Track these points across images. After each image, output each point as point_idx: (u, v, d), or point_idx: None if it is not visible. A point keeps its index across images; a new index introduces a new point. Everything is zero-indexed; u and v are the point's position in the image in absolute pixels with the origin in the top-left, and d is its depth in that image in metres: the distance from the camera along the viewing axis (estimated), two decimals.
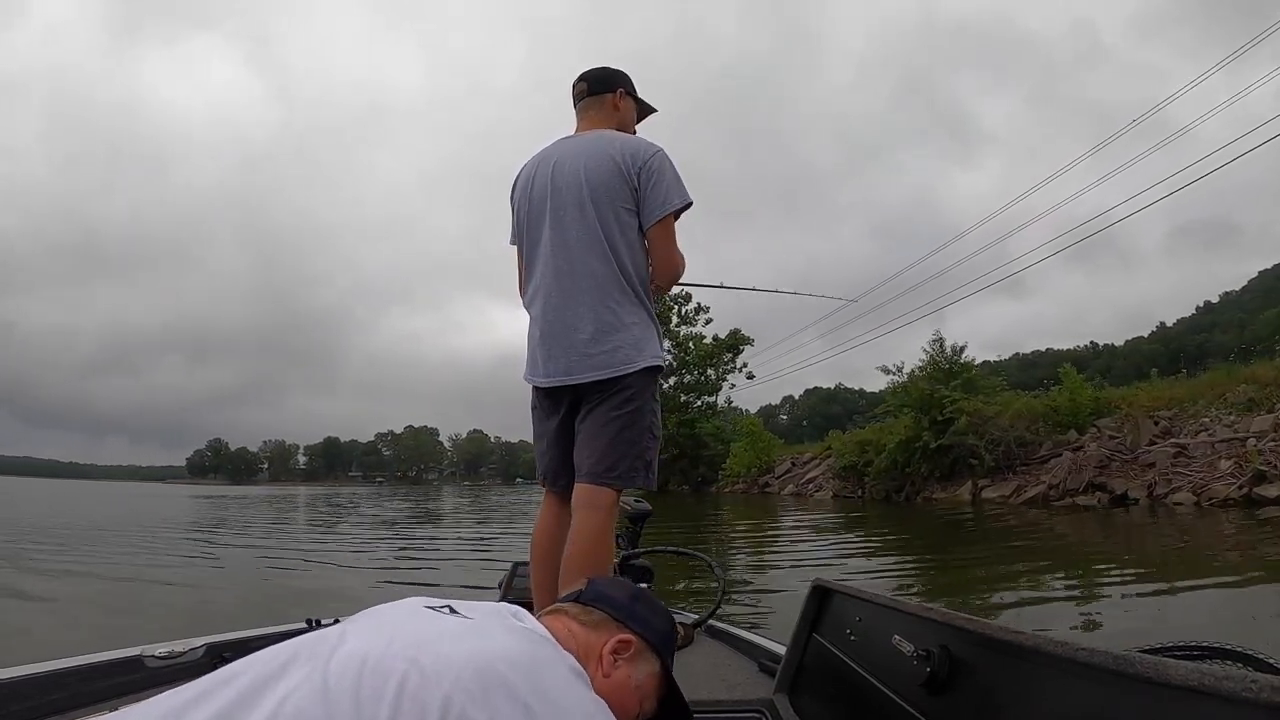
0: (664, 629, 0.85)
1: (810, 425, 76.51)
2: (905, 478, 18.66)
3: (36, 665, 1.07)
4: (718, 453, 32.22)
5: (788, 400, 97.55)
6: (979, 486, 16.51)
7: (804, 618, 1.20)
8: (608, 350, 1.50)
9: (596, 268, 1.51)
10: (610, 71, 1.72)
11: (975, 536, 9.68)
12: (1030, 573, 5.75)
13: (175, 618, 4.22)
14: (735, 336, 35.08)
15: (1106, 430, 15.07)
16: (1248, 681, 0.39)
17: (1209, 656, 0.70)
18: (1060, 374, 18.01)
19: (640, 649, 0.80)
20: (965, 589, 5.06)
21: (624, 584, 0.91)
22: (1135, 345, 64.03)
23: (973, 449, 16.63)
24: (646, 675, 0.80)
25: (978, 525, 11.14)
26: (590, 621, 0.79)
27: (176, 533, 11.49)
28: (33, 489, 41.01)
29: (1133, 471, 13.27)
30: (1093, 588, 4.97)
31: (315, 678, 0.57)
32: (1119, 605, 4.21)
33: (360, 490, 52.25)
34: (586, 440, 1.52)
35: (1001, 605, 4.31)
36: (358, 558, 7.87)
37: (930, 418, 17.78)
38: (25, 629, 3.93)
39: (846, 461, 21.42)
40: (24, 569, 6.35)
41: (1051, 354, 67.30)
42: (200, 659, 1.21)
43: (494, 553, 8.27)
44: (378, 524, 14.25)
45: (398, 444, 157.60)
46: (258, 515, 17.33)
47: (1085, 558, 6.78)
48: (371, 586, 5.63)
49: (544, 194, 1.59)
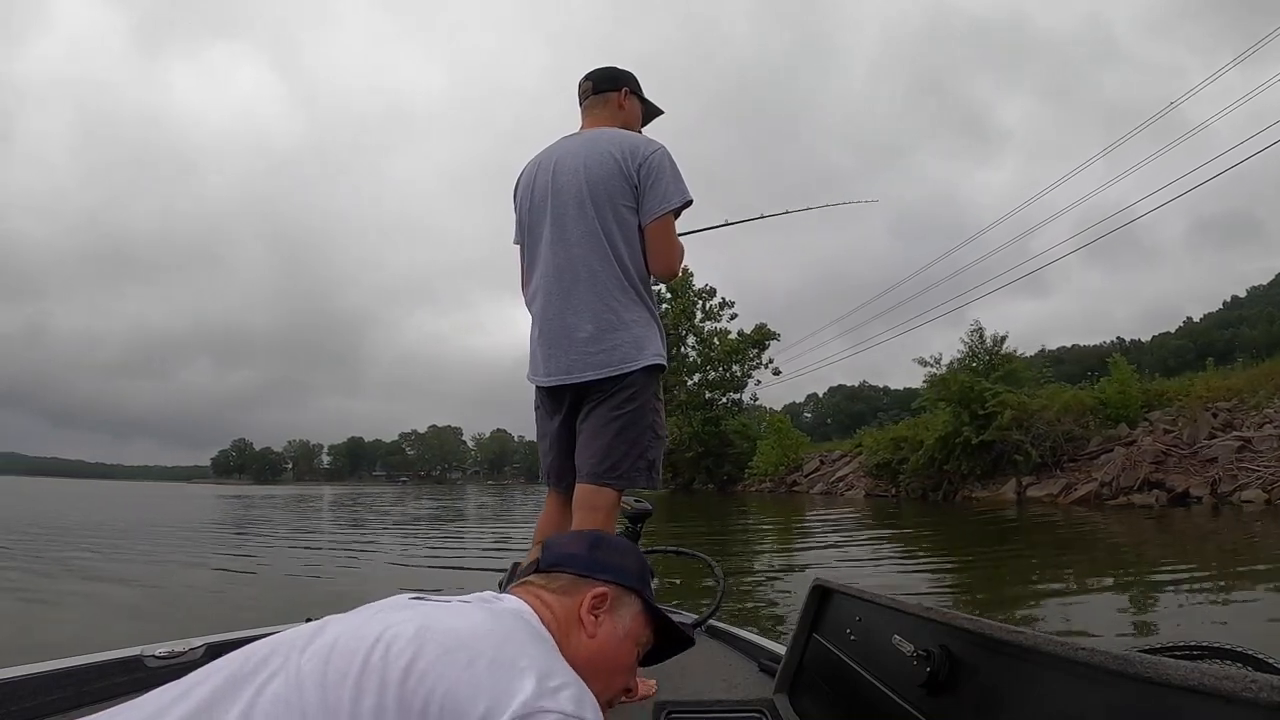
0: (633, 566, 0.83)
1: (835, 423, 77.03)
2: (943, 475, 18.26)
3: (37, 665, 1.10)
4: (743, 451, 31.97)
5: (811, 398, 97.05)
6: (1023, 485, 16.09)
7: (804, 618, 1.22)
8: (607, 349, 1.51)
9: (596, 266, 1.53)
10: (616, 71, 1.74)
11: (1039, 540, 9.06)
12: (1118, 586, 5.26)
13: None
14: (761, 331, 34.74)
15: (1160, 424, 14.54)
16: (1248, 681, 0.39)
17: (1209, 656, 0.71)
18: (1109, 365, 17.43)
19: (616, 596, 0.79)
20: (1030, 600, 4.76)
21: (580, 535, 0.90)
22: (1162, 340, 63.23)
23: (1017, 445, 16.19)
24: (632, 618, 0.80)
25: (1033, 526, 10.73)
26: (559, 587, 0.78)
27: (233, 535, 11.89)
28: (62, 490, 42.59)
29: (1192, 467, 12.77)
30: (1185, 598, 4.56)
31: (290, 668, 0.59)
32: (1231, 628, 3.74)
33: (385, 490, 53.34)
34: (587, 440, 1.53)
35: (1091, 628, 3.87)
36: (405, 556, 8.13)
37: (970, 412, 17.36)
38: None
39: (880, 459, 21.07)
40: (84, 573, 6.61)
41: (1077, 350, 66.29)
42: (200, 659, 1.25)
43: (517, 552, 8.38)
44: (417, 521, 14.65)
45: (421, 443, 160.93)
46: (296, 517, 17.85)
47: (1155, 562, 6.37)
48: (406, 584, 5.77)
49: (545, 193, 1.61)
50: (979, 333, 20.24)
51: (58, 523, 13.21)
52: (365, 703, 0.56)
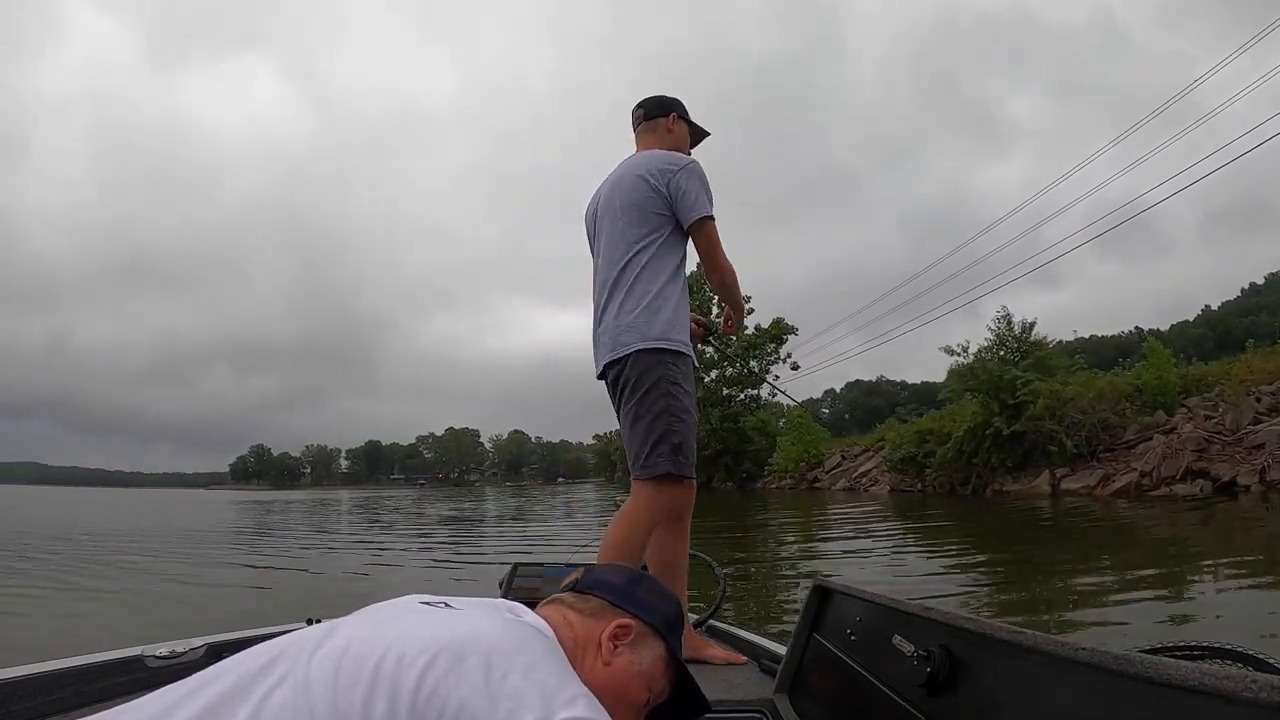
0: (667, 611, 0.84)
1: (853, 418, 77.40)
2: (972, 469, 17.98)
3: (37, 665, 1.13)
4: (762, 448, 31.90)
5: (829, 393, 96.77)
6: (1057, 477, 15.77)
7: (804, 618, 1.23)
8: (613, 336, 1.71)
9: (615, 271, 1.75)
10: (664, 99, 1.97)
11: (1086, 535, 8.64)
12: (1177, 581, 5.01)
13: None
14: (778, 326, 34.63)
15: (1200, 410, 14.16)
16: (1248, 681, 0.39)
17: (1209, 656, 0.70)
18: (1145, 349, 17.02)
19: (641, 633, 0.79)
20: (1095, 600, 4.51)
21: (624, 569, 0.91)
22: (1181, 330, 62.47)
23: (1051, 435, 15.86)
24: (651, 660, 0.79)
25: (1074, 520, 10.38)
26: (588, 609, 0.79)
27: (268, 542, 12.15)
28: (77, 498, 43.27)
29: (1238, 455, 12.44)
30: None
31: (299, 671, 0.59)
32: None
33: (404, 493, 54.05)
34: (624, 436, 1.72)
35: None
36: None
37: (1000, 402, 17.06)
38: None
39: (905, 453, 20.83)
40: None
41: (1095, 340, 65.88)
42: (201, 659, 1.27)
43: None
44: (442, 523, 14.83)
45: (439, 446, 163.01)
46: (309, 520, 18.20)
47: (1210, 556, 6.11)
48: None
49: (596, 211, 1.90)
50: (1006, 319, 19.89)
51: (63, 532, 13.36)
52: (377, 709, 0.56)
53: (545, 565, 1.92)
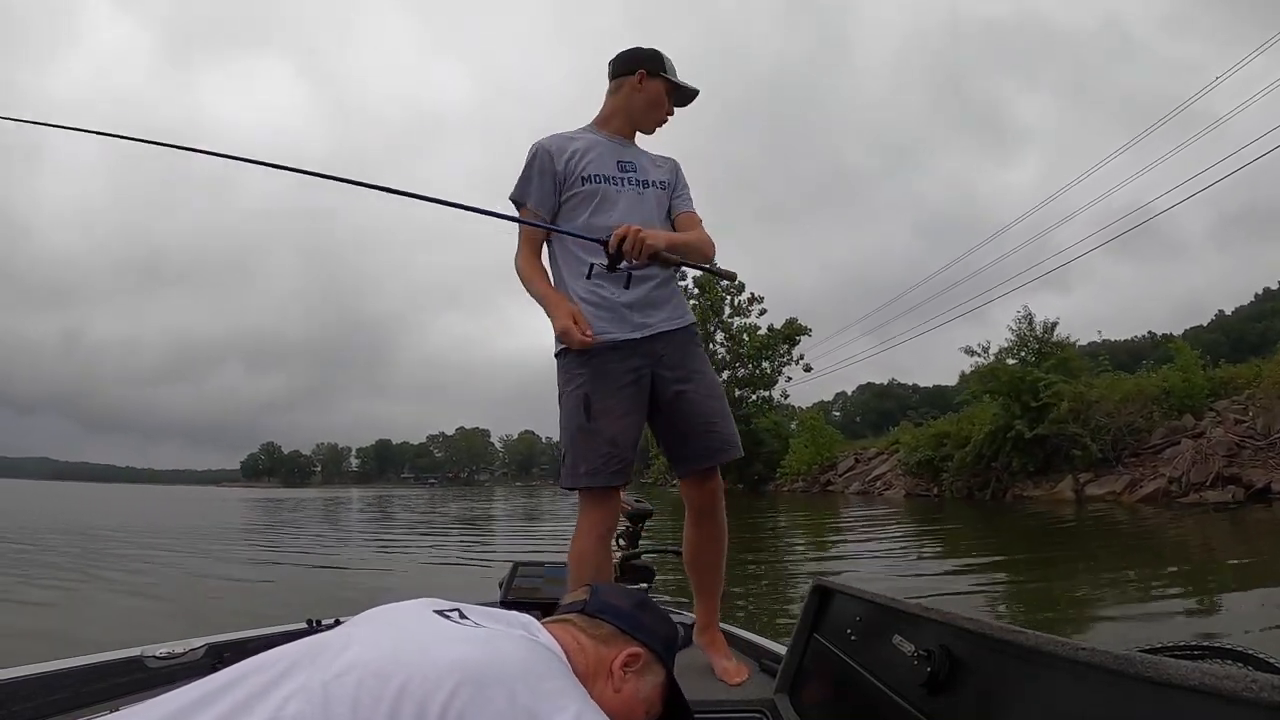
0: (669, 637, 0.90)
1: (864, 421, 77.49)
2: (991, 473, 17.73)
3: (37, 665, 1.14)
4: (774, 450, 31.73)
5: (840, 396, 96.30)
6: (1081, 482, 15.51)
7: (805, 618, 1.24)
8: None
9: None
10: (631, 53, 1.65)
11: (1124, 544, 8.20)
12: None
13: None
14: (792, 326, 34.42)
15: (1229, 413, 13.86)
16: (1248, 681, 0.39)
17: (1210, 656, 0.70)
18: (1172, 350, 16.69)
19: (648, 661, 0.84)
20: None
21: (627, 592, 0.96)
22: (1195, 334, 62.05)
23: (1074, 438, 15.59)
24: (653, 686, 0.85)
25: (1103, 528, 10.09)
26: (599, 635, 0.84)
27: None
28: (84, 494, 43.68)
29: (1271, 460, 12.17)
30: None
31: (315, 683, 0.59)
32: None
33: (415, 492, 54.43)
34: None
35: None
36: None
37: (1022, 404, 16.79)
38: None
39: (921, 456, 20.62)
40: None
41: (1108, 344, 65.41)
42: (200, 659, 1.28)
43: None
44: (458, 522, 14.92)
45: (449, 445, 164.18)
46: (317, 518, 18.41)
47: (1248, 568, 5.87)
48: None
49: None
50: (1028, 319, 19.59)
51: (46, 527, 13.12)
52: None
53: (546, 564, 1.93)
